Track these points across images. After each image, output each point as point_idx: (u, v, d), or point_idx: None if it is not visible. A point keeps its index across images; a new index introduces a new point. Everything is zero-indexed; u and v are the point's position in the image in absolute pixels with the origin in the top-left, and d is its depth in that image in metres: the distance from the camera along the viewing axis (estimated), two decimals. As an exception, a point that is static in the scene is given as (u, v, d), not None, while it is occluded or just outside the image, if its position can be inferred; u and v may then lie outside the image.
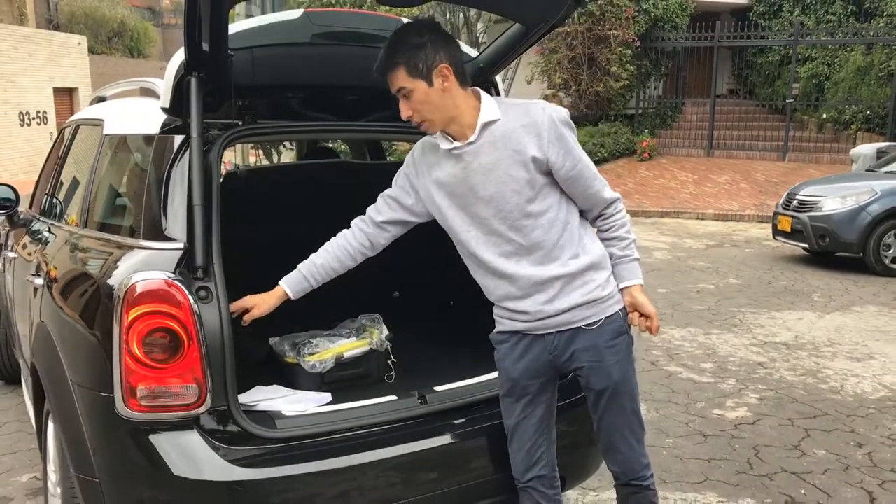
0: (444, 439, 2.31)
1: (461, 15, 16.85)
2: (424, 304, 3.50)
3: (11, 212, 4.04)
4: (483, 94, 2.18)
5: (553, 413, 2.36)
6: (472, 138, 2.13)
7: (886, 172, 9.08)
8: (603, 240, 2.26)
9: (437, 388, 2.49)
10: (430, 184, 2.24)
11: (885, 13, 16.44)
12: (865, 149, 11.42)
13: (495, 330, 2.33)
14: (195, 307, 2.06)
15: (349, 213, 2.98)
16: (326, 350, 2.54)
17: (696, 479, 3.58)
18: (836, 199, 8.56)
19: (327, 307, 3.12)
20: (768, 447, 3.94)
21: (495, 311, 2.30)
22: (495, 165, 2.12)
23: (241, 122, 2.53)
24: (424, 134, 2.42)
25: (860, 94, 16.16)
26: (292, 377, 2.56)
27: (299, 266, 2.35)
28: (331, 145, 5.88)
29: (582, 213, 2.25)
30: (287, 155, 13.14)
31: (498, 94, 2.96)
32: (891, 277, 8.12)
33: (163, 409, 2.04)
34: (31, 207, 4.06)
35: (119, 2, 30.76)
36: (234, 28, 2.39)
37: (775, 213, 9.34)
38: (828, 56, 17.29)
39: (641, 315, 2.24)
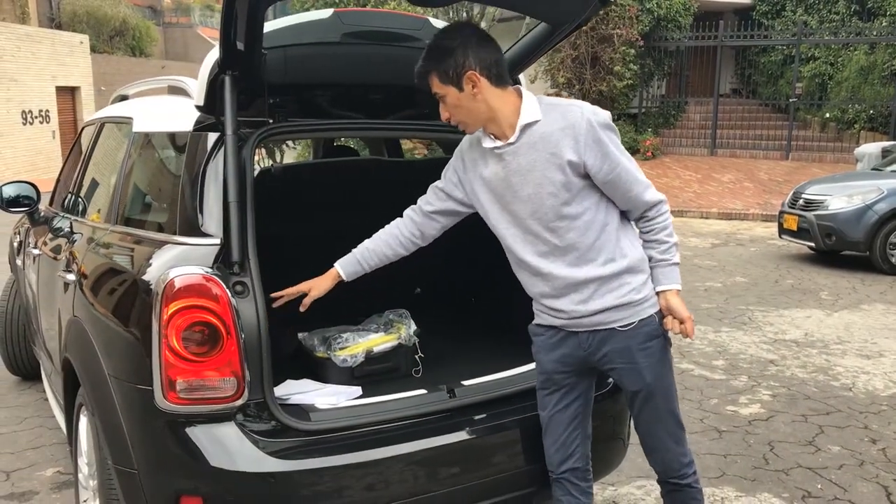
0: (473, 433, 2.35)
1: (464, 14, 16.89)
2: (445, 301, 3.53)
3: (33, 209, 4.08)
4: (526, 94, 2.18)
5: (589, 408, 2.38)
6: (511, 139, 2.15)
7: (892, 171, 9.11)
8: (644, 241, 2.24)
9: (465, 383, 2.52)
10: (475, 179, 2.28)
11: (889, 13, 16.47)
12: (870, 148, 11.46)
13: (533, 322, 2.37)
14: (233, 301, 2.09)
15: (374, 208, 3.02)
16: (357, 344, 2.58)
17: (714, 475, 3.62)
18: (842, 197, 8.60)
19: (350, 303, 3.16)
20: (783, 443, 3.98)
21: (534, 304, 2.34)
22: (533, 167, 2.13)
23: (271, 120, 2.57)
24: (449, 132, 2.44)
25: (863, 93, 16.21)
26: (323, 371, 2.59)
27: (354, 250, 2.43)
28: (347, 143, 5.93)
29: (624, 213, 2.24)
30: (289, 155, 13.17)
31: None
32: (897, 276, 8.17)
33: (201, 402, 2.07)
34: (50, 205, 4.10)
35: (121, 1, 30.75)
36: (266, 27, 2.42)
37: (781, 212, 9.38)
38: (831, 55, 17.34)
39: (676, 318, 2.22)
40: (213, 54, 2.31)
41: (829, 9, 17.67)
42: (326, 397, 2.38)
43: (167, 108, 2.78)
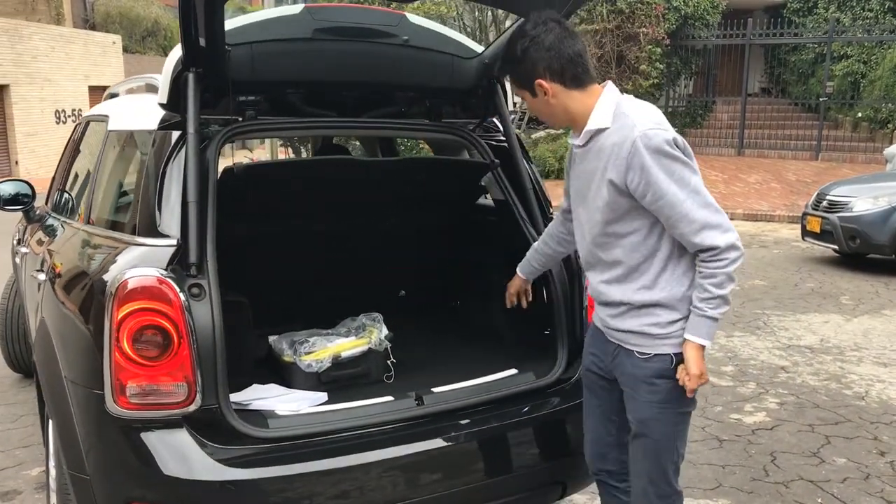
0: (440, 442, 2.28)
1: (489, 14, 16.79)
2: (430, 304, 3.46)
3: (27, 207, 4.09)
4: (604, 96, 2.04)
5: (623, 416, 2.22)
6: (580, 142, 2.10)
7: (921, 172, 8.83)
8: (696, 280, 2.03)
9: (436, 390, 2.45)
10: (570, 171, 2.25)
11: (924, 9, 16.04)
12: (900, 148, 11.12)
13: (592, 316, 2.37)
14: (186, 305, 2.04)
15: (350, 209, 2.96)
16: (323, 349, 2.52)
17: (709, 486, 3.49)
18: (867, 199, 8.34)
19: (333, 305, 3.11)
20: (786, 454, 3.84)
21: None
22: (592, 176, 2.07)
23: (240, 119, 2.52)
24: (426, 131, 2.37)
25: (897, 92, 15.78)
26: (289, 376, 2.54)
27: (528, 252, 2.57)
28: (341, 142, 5.87)
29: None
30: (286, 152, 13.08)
31: (505, 92, 2.92)
32: (923, 280, 7.90)
33: (152, 407, 2.03)
34: (46, 203, 4.11)
35: (153, 1, 31.14)
36: (231, 24, 2.38)
37: (804, 214, 9.13)
38: (864, 53, 16.90)
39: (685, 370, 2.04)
40: (177, 51, 2.27)
41: (863, 6, 17.22)
42: (288, 403, 2.33)
43: (141, 106, 2.75)
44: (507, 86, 2.91)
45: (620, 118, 2.01)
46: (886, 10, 16.85)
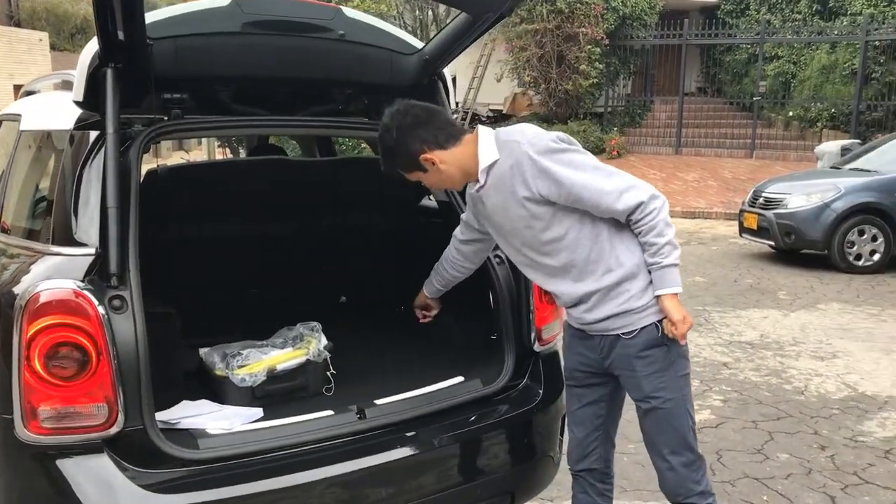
0: (384, 457, 2.17)
1: (430, 12, 16.73)
2: (372, 310, 3.34)
3: None
4: (481, 136, 2.14)
5: (614, 413, 2.37)
6: (480, 183, 2.16)
7: (850, 170, 9.10)
8: (640, 245, 2.14)
9: (379, 402, 2.34)
10: (479, 215, 2.32)
11: (849, 12, 16.56)
12: (830, 146, 11.46)
13: (564, 318, 2.39)
14: (106, 318, 1.89)
15: (284, 211, 2.83)
16: (258, 362, 2.37)
17: (657, 487, 3.45)
18: (801, 196, 8.55)
19: (269, 313, 2.97)
20: (731, 451, 3.85)
21: None
22: (504, 205, 2.14)
23: (166, 118, 2.37)
24: (365, 129, 2.30)
25: (825, 92, 16.26)
26: (221, 391, 2.39)
27: (432, 272, 2.57)
28: (278, 142, 5.71)
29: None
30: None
31: (447, 89, 2.84)
32: (854, 274, 8.12)
33: (69, 431, 1.87)
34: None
35: (82, -2, 30.15)
36: (153, 16, 2.23)
37: (741, 211, 9.32)
38: (794, 54, 17.39)
39: (669, 321, 2.12)
40: (93, 45, 2.11)
41: (792, 8, 17.73)
42: (220, 421, 2.18)
43: (56, 104, 2.57)
44: (449, 81, 2.83)
45: (505, 146, 2.10)
46: (814, 12, 17.37)
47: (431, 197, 3.07)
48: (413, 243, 3.18)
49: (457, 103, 3.58)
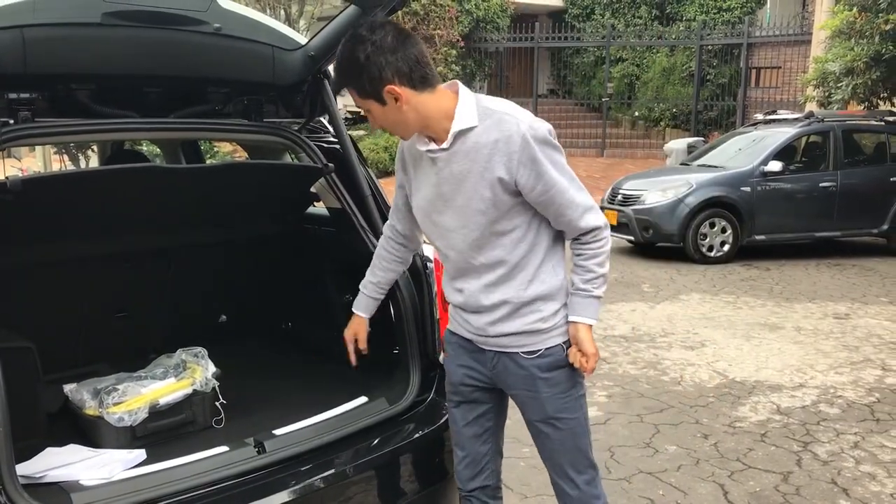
0: (289, 494, 1.96)
1: (282, 12, 16.22)
2: (257, 329, 3.09)
3: None
4: (462, 95, 1.92)
5: (501, 424, 2.24)
6: (444, 145, 1.92)
7: (699, 166, 9.64)
8: (573, 264, 2.03)
9: (278, 432, 2.13)
10: (414, 179, 2.07)
11: (684, 18, 17.73)
12: (677, 144, 12.16)
13: (447, 327, 2.20)
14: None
15: (155, 225, 2.55)
16: (137, 397, 2.09)
17: (550, 492, 3.42)
18: (657, 192, 8.97)
19: (141, 340, 2.66)
20: (622, 447, 3.89)
21: (450, 308, 2.18)
22: (466, 177, 1.92)
23: (12, 121, 2.04)
24: (245, 132, 2.06)
25: (666, 92, 17.32)
26: (95, 433, 2.08)
27: (361, 288, 2.32)
28: (140, 148, 5.26)
29: (559, 234, 2.03)
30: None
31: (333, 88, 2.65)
32: (708, 265, 8.61)
33: None
34: None
35: None
36: (-6, 2, 1.90)
37: (601, 208, 9.60)
38: (637, 57, 18.39)
39: (580, 351, 2.00)
40: None
41: (633, 13, 18.72)
42: (96, 469, 1.89)
43: None
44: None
45: (488, 115, 1.91)
46: (653, 17, 18.44)
47: (317, 203, 2.87)
48: (301, 254, 2.96)
49: (344, 106, 3.37)
